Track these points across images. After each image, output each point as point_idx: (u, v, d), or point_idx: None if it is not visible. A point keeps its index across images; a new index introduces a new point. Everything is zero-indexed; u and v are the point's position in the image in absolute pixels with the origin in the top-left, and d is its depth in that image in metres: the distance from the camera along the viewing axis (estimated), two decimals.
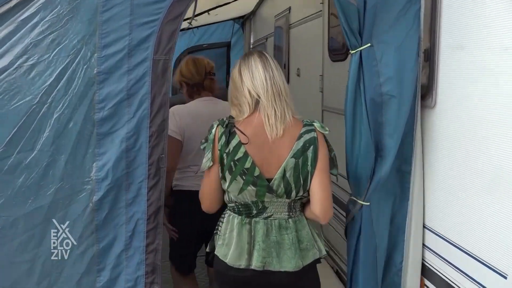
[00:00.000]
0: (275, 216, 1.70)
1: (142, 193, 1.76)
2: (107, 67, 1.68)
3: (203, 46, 6.51)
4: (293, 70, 4.09)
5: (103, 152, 1.72)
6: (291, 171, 1.65)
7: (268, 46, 5.20)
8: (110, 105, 1.70)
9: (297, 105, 1.81)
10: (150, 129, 1.72)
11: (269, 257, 1.68)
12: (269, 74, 1.68)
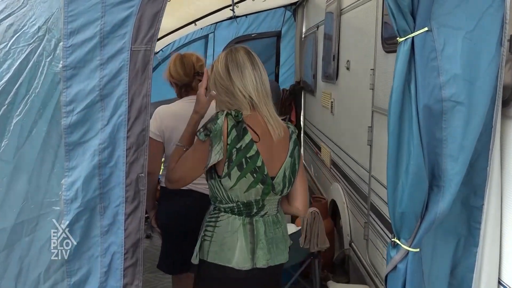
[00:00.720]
0: (269, 213, 1.72)
1: (119, 220, 1.40)
2: (75, 59, 1.33)
3: (252, 36, 6.11)
4: (342, 62, 3.57)
5: (73, 167, 1.37)
6: (289, 169, 1.71)
7: (319, 35, 4.69)
8: (80, 108, 1.35)
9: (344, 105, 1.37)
10: (127, 140, 1.35)
11: (270, 253, 1.70)
12: (258, 74, 1.66)
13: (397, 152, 1.27)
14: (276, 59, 6.19)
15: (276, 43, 6.15)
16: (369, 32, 2.87)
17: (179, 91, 2.40)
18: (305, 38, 5.73)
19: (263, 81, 1.68)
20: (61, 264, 1.44)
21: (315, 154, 4.97)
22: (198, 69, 2.37)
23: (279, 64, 6.20)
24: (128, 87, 1.32)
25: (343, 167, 3.57)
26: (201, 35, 6.06)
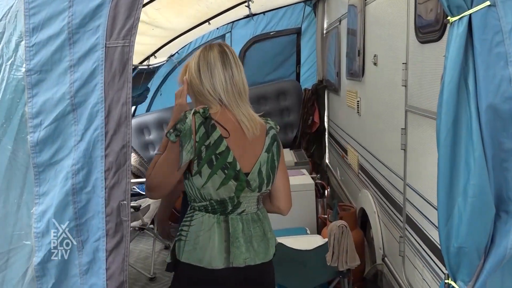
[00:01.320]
0: (247, 211, 1.68)
1: (99, 258, 1.14)
2: (40, 61, 1.09)
3: (270, 34, 5.82)
4: (369, 57, 3.24)
5: (44, 193, 1.13)
6: (265, 165, 1.68)
7: (341, 30, 4.36)
8: (49, 121, 1.10)
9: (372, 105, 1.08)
10: (106, 159, 1.08)
11: (248, 252, 1.65)
12: (228, 74, 1.63)
13: (451, 168, 0.96)
14: (297, 58, 5.88)
15: (296, 40, 5.83)
16: (399, 22, 2.54)
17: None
18: (326, 34, 5.40)
19: (235, 81, 1.64)
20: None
21: (341, 157, 4.64)
22: None
23: (300, 63, 5.89)
24: (104, 93, 1.05)
25: (373, 173, 3.24)
26: (217, 35, 5.81)
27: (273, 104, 5.78)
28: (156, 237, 4.29)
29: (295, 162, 4.47)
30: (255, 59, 5.89)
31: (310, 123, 5.56)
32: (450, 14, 0.95)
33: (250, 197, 1.67)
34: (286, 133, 5.90)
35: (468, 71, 0.91)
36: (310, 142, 5.63)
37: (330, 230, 2.68)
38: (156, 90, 5.97)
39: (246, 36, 5.81)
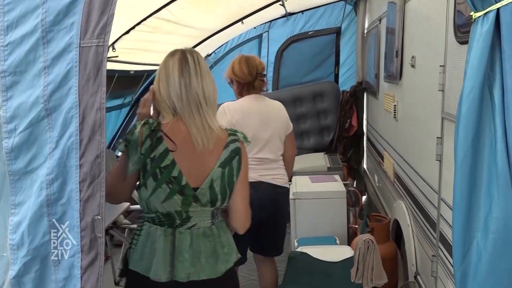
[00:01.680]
0: (199, 225, 1.63)
1: (75, 275, 1.05)
2: (14, 62, 1.02)
3: (308, 34, 5.64)
4: (407, 59, 3.01)
5: (20, 202, 1.06)
6: (218, 180, 1.62)
7: (381, 29, 4.12)
8: (23, 126, 1.02)
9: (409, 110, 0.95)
10: (80, 169, 0.98)
11: (193, 267, 1.60)
12: (185, 81, 1.56)
13: (470, 196, 0.78)
14: (336, 58, 5.66)
15: (335, 40, 5.62)
16: (438, 19, 2.32)
17: (240, 89, 2.63)
18: (367, 33, 5.16)
19: (192, 90, 1.56)
20: None
21: (378, 164, 4.40)
22: (261, 70, 2.64)
23: (339, 64, 5.67)
24: (78, 97, 0.96)
25: (408, 183, 3.01)
26: (254, 35, 5.72)
27: (309, 106, 5.60)
28: None
29: (328, 167, 4.28)
30: (292, 60, 5.74)
31: (347, 126, 5.33)
32: (474, 9, 0.78)
33: (202, 212, 1.61)
34: (322, 136, 5.70)
35: (494, 78, 0.73)
36: (347, 146, 5.40)
37: (356, 244, 2.50)
38: None
39: (283, 35, 5.68)
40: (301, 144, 5.67)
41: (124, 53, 3.12)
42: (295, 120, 5.65)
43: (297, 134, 5.70)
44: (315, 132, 5.67)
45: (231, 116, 2.50)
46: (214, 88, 1.62)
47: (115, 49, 2.97)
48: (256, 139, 2.53)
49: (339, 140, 5.40)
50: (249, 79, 2.58)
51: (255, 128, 2.54)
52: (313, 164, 4.36)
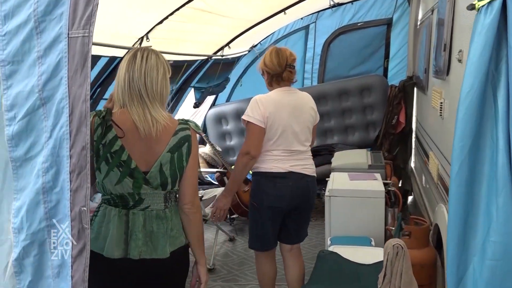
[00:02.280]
0: (152, 207, 1.74)
1: (66, 263, 1.06)
2: (11, 51, 1.02)
3: (358, 25, 5.43)
4: (455, 53, 2.79)
5: (21, 188, 1.08)
6: (167, 165, 1.73)
7: (433, 20, 3.87)
8: (21, 114, 1.04)
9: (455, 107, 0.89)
10: (70, 160, 0.98)
11: (145, 246, 1.71)
12: (129, 75, 1.69)
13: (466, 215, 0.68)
14: (385, 51, 5.42)
15: (386, 32, 5.37)
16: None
17: (270, 80, 2.68)
18: (420, 25, 4.87)
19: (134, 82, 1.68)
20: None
21: (424, 163, 4.17)
22: (290, 62, 2.67)
23: (389, 57, 5.41)
24: (68, 89, 0.96)
25: None
26: (300, 26, 5.60)
27: (355, 100, 5.42)
28: (220, 228, 4.28)
29: (369, 165, 4.09)
30: (340, 52, 5.57)
31: (394, 122, 5.09)
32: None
33: (154, 195, 1.73)
34: (367, 132, 5.50)
35: (499, 79, 0.61)
36: (393, 144, 5.16)
37: (385, 248, 2.37)
38: (236, 81, 5.96)
39: (331, 27, 5.52)
40: (345, 139, 5.51)
41: (158, 43, 3.14)
42: (340, 114, 5.51)
43: (341, 129, 5.55)
44: (360, 128, 5.48)
45: (264, 108, 2.53)
46: (162, 83, 1.72)
47: (148, 39, 3.01)
48: (287, 131, 2.60)
49: (385, 137, 5.17)
50: (278, 70, 2.62)
51: (287, 121, 2.60)
52: (354, 160, 4.19)
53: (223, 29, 4.00)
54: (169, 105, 4.64)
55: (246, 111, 2.56)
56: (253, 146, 2.53)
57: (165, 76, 1.74)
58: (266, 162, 2.62)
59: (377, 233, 3.39)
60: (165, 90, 1.75)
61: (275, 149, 2.61)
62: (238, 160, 2.59)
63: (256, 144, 2.53)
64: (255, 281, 3.56)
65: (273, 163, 2.62)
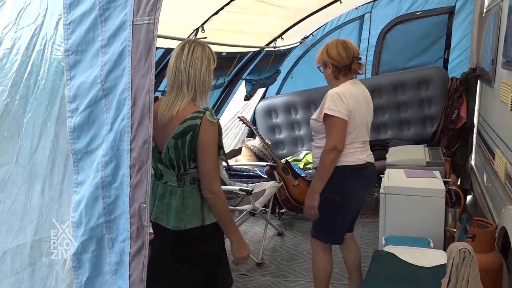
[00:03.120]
0: (169, 184, 1.91)
1: (124, 261, 1.03)
2: (76, 41, 1.01)
3: (416, 14, 5.15)
4: None
5: (81, 182, 1.07)
6: (172, 149, 1.84)
7: (504, 8, 3.58)
8: (83, 105, 1.02)
9: None
10: (131, 154, 0.95)
11: (161, 213, 1.91)
12: (176, 66, 1.82)
13: None
14: (446, 42, 5.10)
15: (447, 22, 5.06)
16: None
17: (336, 73, 2.66)
18: (486, 13, 4.55)
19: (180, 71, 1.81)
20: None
21: (488, 162, 3.90)
22: (356, 54, 2.67)
23: (450, 48, 5.10)
24: (130, 78, 0.91)
25: None
26: (355, 16, 5.40)
27: (412, 93, 5.16)
28: (269, 223, 4.23)
29: (427, 161, 3.87)
30: (396, 43, 5.32)
31: (454, 117, 4.80)
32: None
33: (169, 173, 1.90)
34: (424, 127, 5.23)
35: None
36: (452, 140, 4.88)
37: (450, 252, 2.21)
38: (287, 73, 5.86)
39: (387, 16, 5.28)
40: (400, 134, 5.28)
41: (214, 34, 3.10)
42: (395, 108, 5.27)
43: (396, 123, 5.31)
44: (416, 122, 5.23)
45: (347, 102, 2.54)
46: (205, 74, 1.85)
47: (204, 30, 2.97)
48: (363, 123, 2.67)
49: (444, 132, 4.90)
50: (346, 62, 2.62)
51: (363, 113, 2.65)
52: (410, 157, 3.99)
53: (277, 20, 3.91)
54: (220, 97, 4.63)
55: (328, 105, 2.51)
56: (340, 140, 2.53)
57: (208, 67, 1.87)
58: (348, 155, 2.63)
59: (435, 235, 3.19)
60: (207, 80, 1.88)
61: (355, 142, 2.64)
62: (325, 157, 2.56)
63: (342, 138, 2.54)
64: (304, 278, 3.49)
65: (355, 156, 2.65)
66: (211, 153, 1.86)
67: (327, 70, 2.68)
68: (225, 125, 5.51)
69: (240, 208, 3.87)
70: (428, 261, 2.64)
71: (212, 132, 1.85)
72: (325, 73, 2.72)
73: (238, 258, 2.03)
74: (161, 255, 2.01)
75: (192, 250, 1.96)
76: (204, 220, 1.92)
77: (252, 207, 3.76)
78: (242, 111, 5.65)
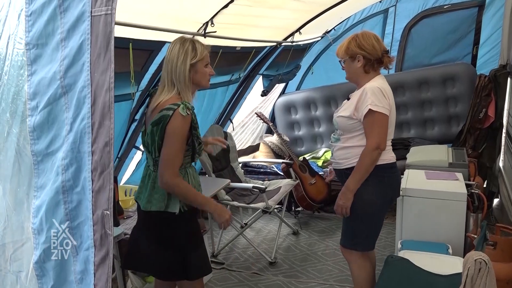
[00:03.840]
0: (149, 167, 2.10)
1: (89, 271, 0.96)
2: (36, 34, 0.93)
3: (444, 8, 4.91)
4: None
5: (42, 185, 1.00)
6: (149, 135, 2.00)
7: None
8: (43, 103, 0.95)
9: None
10: (92, 157, 0.88)
11: (140, 193, 2.13)
12: (167, 60, 2.01)
13: None
14: (475, 37, 4.85)
15: (476, 16, 4.80)
16: None
17: (368, 66, 2.48)
18: None
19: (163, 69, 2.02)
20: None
21: None
22: (385, 47, 2.53)
23: (479, 43, 4.84)
24: (90, 75, 0.84)
25: None
26: (379, 10, 5.21)
27: (437, 90, 4.94)
28: (283, 221, 4.14)
29: (449, 163, 3.68)
30: (422, 38, 5.10)
31: (482, 117, 4.56)
32: None
33: (149, 157, 2.06)
34: (449, 127, 5.00)
35: None
36: (479, 140, 4.64)
37: (466, 262, 2.07)
38: (307, 68, 5.72)
39: (413, 10, 5.07)
40: (423, 133, 5.07)
41: (225, 28, 3.02)
42: (418, 106, 5.06)
43: (420, 121, 5.10)
44: (441, 121, 5.00)
45: (387, 97, 2.41)
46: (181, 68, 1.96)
47: (213, 24, 2.89)
48: (395, 120, 2.55)
49: (470, 132, 4.66)
50: (379, 55, 2.46)
51: (394, 109, 2.53)
52: (432, 157, 3.80)
53: (294, 13, 3.79)
54: (237, 93, 4.55)
55: (371, 101, 2.34)
56: (383, 138, 2.40)
57: (184, 62, 1.96)
58: (384, 153, 2.48)
59: (455, 240, 3.03)
60: (183, 75, 1.97)
61: (389, 139, 2.53)
62: (367, 157, 2.39)
63: (385, 136, 2.41)
64: (317, 280, 3.39)
65: (389, 154, 2.53)
66: (173, 142, 1.95)
67: (355, 63, 2.48)
68: (242, 120, 5.44)
69: (253, 206, 3.80)
70: (445, 268, 2.50)
71: (180, 124, 1.92)
72: (351, 67, 2.50)
73: (221, 224, 2.14)
74: (136, 231, 2.18)
75: (158, 233, 2.07)
76: (167, 206, 2.03)
77: (266, 205, 3.68)
78: (260, 106, 5.56)
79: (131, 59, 2.23)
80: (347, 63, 2.51)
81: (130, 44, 2.15)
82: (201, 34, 2.96)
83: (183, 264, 2.10)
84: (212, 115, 4.17)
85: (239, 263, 3.75)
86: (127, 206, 3.01)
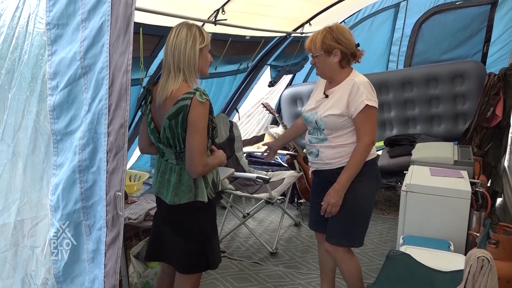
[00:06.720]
0: (170, 161, 2.06)
1: (100, 250, 0.98)
2: (57, 14, 0.93)
3: (456, 4, 4.87)
4: None
5: (60, 164, 1.01)
6: (168, 129, 1.94)
7: None
8: (63, 83, 0.96)
9: None
10: (108, 138, 0.88)
11: (162, 188, 2.09)
12: (166, 48, 1.88)
13: None
14: (487, 34, 4.80)
15: (489, 13, 4.75)
16: None
17: (344, 60, 2.37)
18: None
19: (167, 56, 1.89)
20: (53, 286, 1.10)
21: None
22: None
23: (490, 41, 4.80)
24: (108, 56, 0.84)
25: None
26: (391, 4, 5.16)
27: (445, 87, 4.91)
28: (286, 212, 4.16)
29: (455, 160, 3.67)
30: (432, 33, 5.06)
31: (489, 115, 4.54)
32: None
33: (168, 151, 2.03)
34: (456, 124, 4.98)
35: None
36: (485, 139, 4.62)
37: (468, 259, 2.07)
38: None
39: (425, 5, 5.02)
40: (429, 130, 5.05)
41: (235, 16, 3.00)
42: (426, 102, 5.03)
43: (427, 118, 5.08)
44: (448, 118, 4.98)
45: (374, 91, 2.38)
46: (190, 54, 1.88)
47: (224, 11, 2.88)
48: None
49: (477, 131, 4.65)
50: (354, 47, 2.36)
51: None
52: (437, 154, 3.79)
53: (304, 4, 3.76)
54: (244, 82, 4.54)
55: (366, 96, 2.28)
56: (375, 133, 2.39)
57: (194, 47, 1.89)
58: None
59: (457, 237, 3.04)
60: (193, 60, 1.90)
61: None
62: (362, 153, 2.35)
63: (376, 130, 2.39)
64: (317, 272, 3.41)
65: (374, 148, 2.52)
66: (198, 130, 1.92)
67: (331, 58, 2.32)
68: (248, 110, 5.43)
69: (256, 196, 3.81)
70: (446, 265, 2.51)
71: (201, 111, 1.89)
72: (326, 62, 2.34)
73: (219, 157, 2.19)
74: (161, 225, 2.16)
75: (184, 224, 2.08)
76: (196, 196, 2.04)
77: (269, 195, 3.70)
78: (267, 97, 5.54)
79: (141, 44, 2.22)
80: (320, 58, 2.34)
81: (140, 29, 2.14)
82: (211, 21, 2.95)
83: (203, 253, 2.13)
84: (219, 104, 4.17)
85: (240, 252, 3.78)
86: (131, 191, 3.03)
